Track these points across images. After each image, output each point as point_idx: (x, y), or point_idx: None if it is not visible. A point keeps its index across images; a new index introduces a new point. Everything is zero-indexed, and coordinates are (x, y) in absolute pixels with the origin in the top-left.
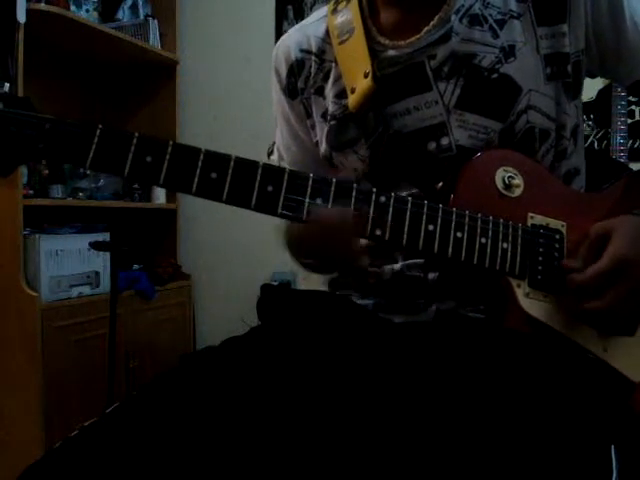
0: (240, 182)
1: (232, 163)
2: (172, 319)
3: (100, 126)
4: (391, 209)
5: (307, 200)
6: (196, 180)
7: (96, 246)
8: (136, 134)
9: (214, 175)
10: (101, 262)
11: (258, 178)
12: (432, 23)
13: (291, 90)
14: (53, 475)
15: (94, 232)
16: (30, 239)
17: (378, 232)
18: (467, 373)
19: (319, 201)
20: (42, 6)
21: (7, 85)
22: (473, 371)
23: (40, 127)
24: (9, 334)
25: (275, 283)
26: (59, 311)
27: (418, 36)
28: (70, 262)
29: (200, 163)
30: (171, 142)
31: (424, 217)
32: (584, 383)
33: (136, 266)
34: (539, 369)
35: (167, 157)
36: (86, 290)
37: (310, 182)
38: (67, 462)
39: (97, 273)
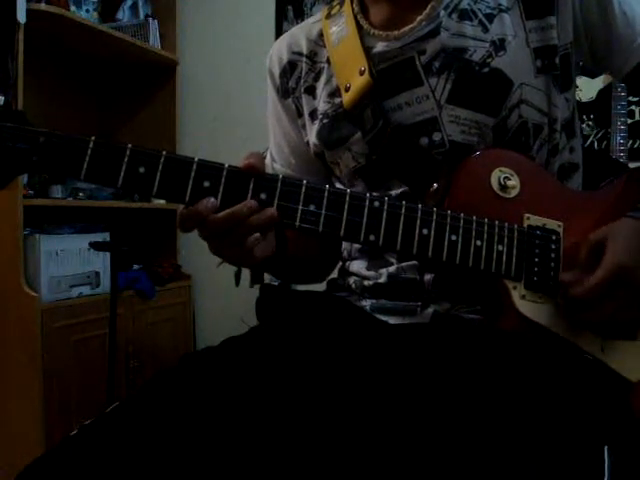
0: (233, 191)
1: (225, 172)
2: (172, 319)
3: (93, 138)
4: (385, 214)
5: (300, 207)
6: (189, 190)
7: (96, 246)
8: (129, 145)
9: (207, 184)
10: (101, 262)
11: (251, 186)
12: (420, 18)
13: (284, 90)
14: (52, 474)
15: (94, 232)
16: (30, 239)
17: (372, 237)
18: (463, 374)
19: (312, 207)
20: (42, 6)
21: (2, 99)
22: (469, 372)
23: (34, 140)
24: (9, 334)
25: (274, 283)
26: (59, 311)
27: (412, 25)
28: (70, 262)
29: (193, 173)
30: (164, 152)
31: (418, 221)
32: (581, 384)
33: (136, 266)
34: (535, 371)
35: (160, 168)
36: (86, 290)
37: (303, 189)
38: (66, 461)
39: (97, 273)
